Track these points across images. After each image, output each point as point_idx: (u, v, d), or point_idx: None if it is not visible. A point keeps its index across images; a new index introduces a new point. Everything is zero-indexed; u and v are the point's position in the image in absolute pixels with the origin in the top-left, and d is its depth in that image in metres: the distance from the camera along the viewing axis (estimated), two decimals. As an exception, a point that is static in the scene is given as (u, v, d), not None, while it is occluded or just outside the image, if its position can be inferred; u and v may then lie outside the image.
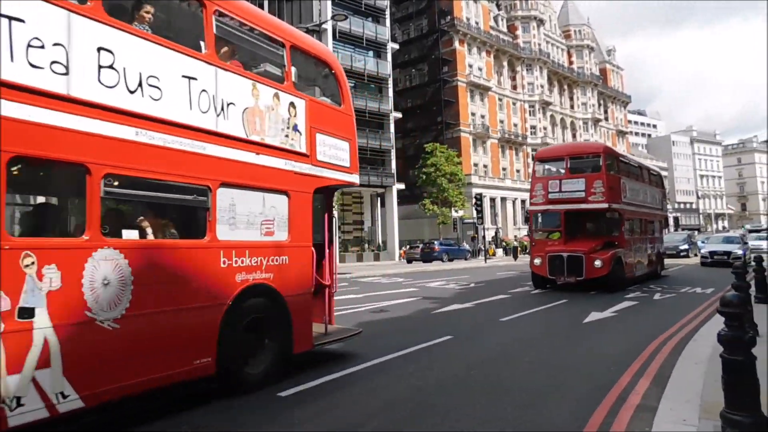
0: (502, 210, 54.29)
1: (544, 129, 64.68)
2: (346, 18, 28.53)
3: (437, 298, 12.86)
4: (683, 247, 29.74)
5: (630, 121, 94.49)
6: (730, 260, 20.51)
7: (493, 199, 52.18)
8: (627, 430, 3.96)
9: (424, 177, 41.63)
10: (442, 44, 54.00)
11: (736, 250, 22.17)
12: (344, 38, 36.78)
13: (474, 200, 32.82)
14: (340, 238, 36.31)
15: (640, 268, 15.92)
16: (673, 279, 17.51)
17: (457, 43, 54.14)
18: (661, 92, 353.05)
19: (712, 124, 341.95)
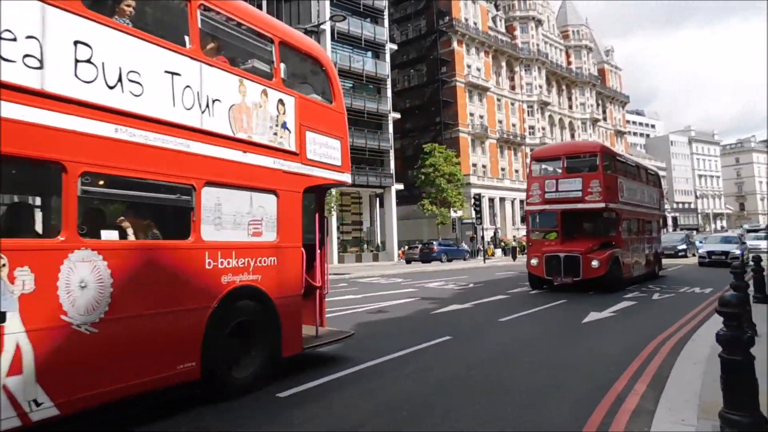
0: (501, 210, 54.32)
1: (543, 129, 64.74)
2: (345, 19, 28.60)
3: (436, 299, 12.84)
4: (681, 247, 29.72)
5: (628, 122, 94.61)
6: (728, 260, 20.51)
7: (491, 200, 52.17)
8: (626, 430, 3.95)
9: (423, 177, 41.64)
10: (440, 45, 54.07)
11: (734, 250, 22.21)
12: (343, 39, 36.79)
13: (473, 200, 32.78)
14: (339, 238, 36.31)
15: (638, 268, 15.82)
16: (672, 279, 17.48)
17: (455, 44, 54.17)
18: (659, 92, 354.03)
19: (711, 124, 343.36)
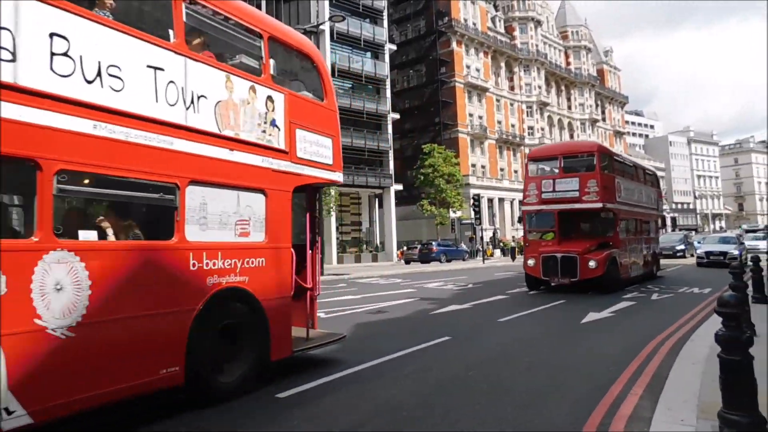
0: (500, 211, 54.30)
1: (542, 130, 64.75)
2: (344, 19, 28.61)
3: (435, 299, 12.82)
4: (680, 248, 29.67)
5: (627, 122, 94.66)
6: (726, 260, 20.49)
7: (490, 200, 52.16)
8: (625, 430, 3.95)
9: (422, 178, 41.64)
10: (439, 45, 54.07)
11: (733, 251, 22.21)
12: (342, 39, 36.78)
13: (472, 201, 32.79)
14: (338, 239, 36.28)
15: (636, 268, 15.71)
16: (671, 279, 17.45)
17: (454, 44, 54.17)
18: (658, 93, 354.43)
19: (709, 125, 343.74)
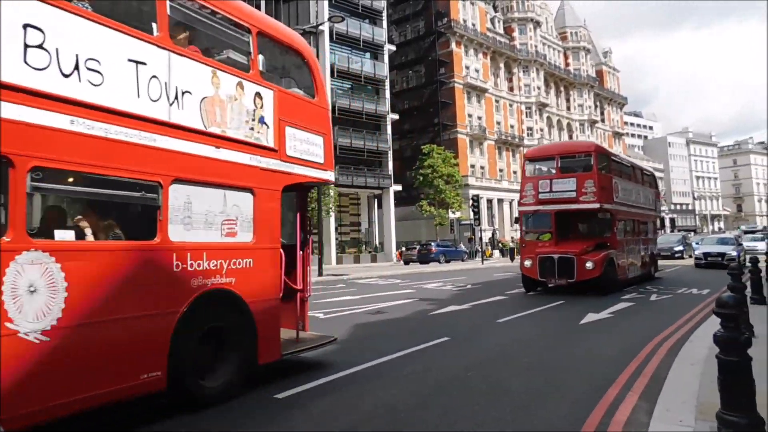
0: (499, 211, 54.26)
1: (541, 130, 64.77)
2: (343, 20, 28.58)
3: (434, 300, 12.81)
4: (678, 249, 29.64)
5: (626, 123, 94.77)
6: (725, 261, 20.45)
7: (489, 201, 52.14)
8: (623, 430, 3.95)
9: (421, 178, 41.66)
10: (438, 46, 54.08)
11: (731, 252, 22.17)
12: (341, 40, 36.81)
13: (471, 202, 32.82)
14: (337, 239, 36.28)
15: (633, 269, 15.63)
16: (669, 280, 17.40)
17: (453, 45, 54.18)
18: (657, 94, 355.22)
19: (708, 126, 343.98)
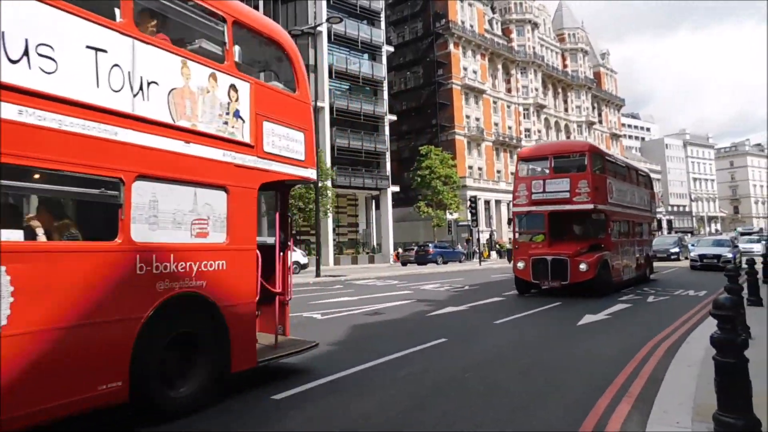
0: (497, 213, 54.39)
1: (539, 132, 64.95)
2: (341, 21, 28.58)
3: (432, 301, 12.84)
4: (674, 250, 29.56)
5: (624, 125, 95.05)
6: (720, 264, 20.39)
7: (487, 202, 52.29)
8: (621, 431, 3.99)
9: (419, 179, 41.74)
10: (437, 47, 54.20)
11: (726, 254, 22.03)
12: (339, 41, 36.86)
13: (468, 203, 32.82)
14: (335, 240, 36.28)
15: (628, 271, 15.43)
16: (666, 282, 17.45)
17: (451, 46, 54.32)
18: (654, 96, 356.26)
19: (705, 128, 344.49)
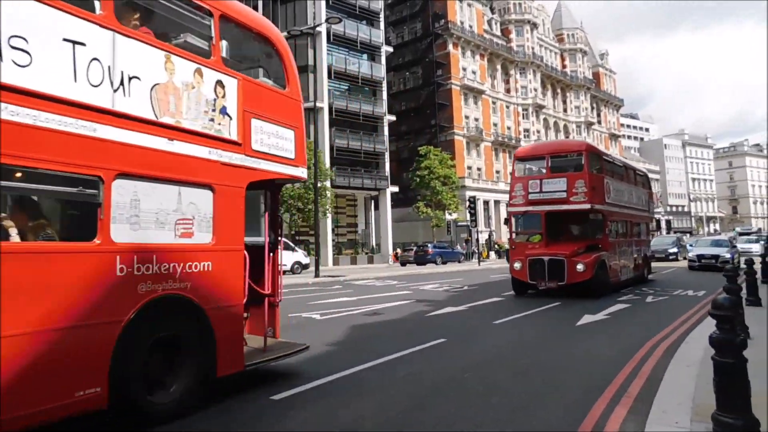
0: (496, 213, 54.39)
1: (538, 132, 64.99)
2: (341, 21, 28.60)
3: (431, 301, 12.85)
4: (672, 251, 29.54)
5: (623, 125, 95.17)
6: (719, 264, 20.34)
7: (486, 202, 52.31)
8: (620, 431, 3.99)
9: (418, 180, 41.77)
10: (436, 47, 54.24)
11: (725, 254, 21.99)
12: (339, 41, 36.89)
13: (467, 203, 32.84)
14: (334, 240, 36.27)
15: (626, 272, 15.33)
16: (664, 282, 17.45)
17: (451, 47, 54.36)
18: (653, 96, 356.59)
19: (704, 128, 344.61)
